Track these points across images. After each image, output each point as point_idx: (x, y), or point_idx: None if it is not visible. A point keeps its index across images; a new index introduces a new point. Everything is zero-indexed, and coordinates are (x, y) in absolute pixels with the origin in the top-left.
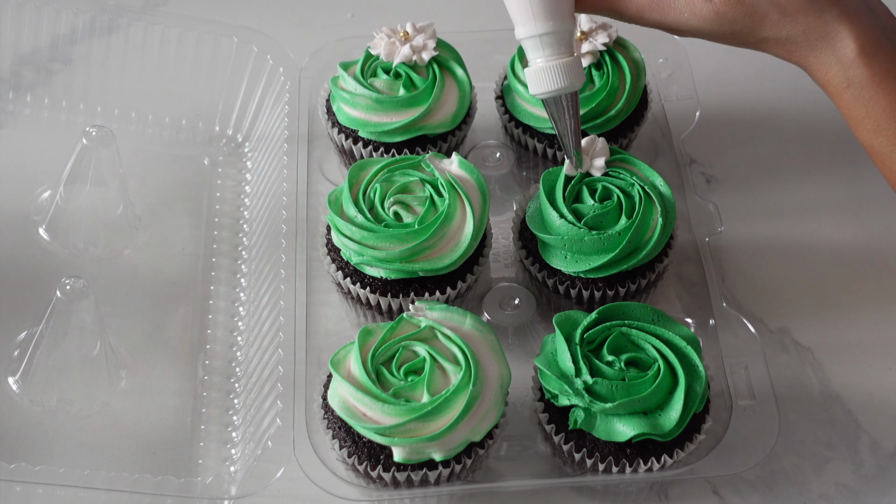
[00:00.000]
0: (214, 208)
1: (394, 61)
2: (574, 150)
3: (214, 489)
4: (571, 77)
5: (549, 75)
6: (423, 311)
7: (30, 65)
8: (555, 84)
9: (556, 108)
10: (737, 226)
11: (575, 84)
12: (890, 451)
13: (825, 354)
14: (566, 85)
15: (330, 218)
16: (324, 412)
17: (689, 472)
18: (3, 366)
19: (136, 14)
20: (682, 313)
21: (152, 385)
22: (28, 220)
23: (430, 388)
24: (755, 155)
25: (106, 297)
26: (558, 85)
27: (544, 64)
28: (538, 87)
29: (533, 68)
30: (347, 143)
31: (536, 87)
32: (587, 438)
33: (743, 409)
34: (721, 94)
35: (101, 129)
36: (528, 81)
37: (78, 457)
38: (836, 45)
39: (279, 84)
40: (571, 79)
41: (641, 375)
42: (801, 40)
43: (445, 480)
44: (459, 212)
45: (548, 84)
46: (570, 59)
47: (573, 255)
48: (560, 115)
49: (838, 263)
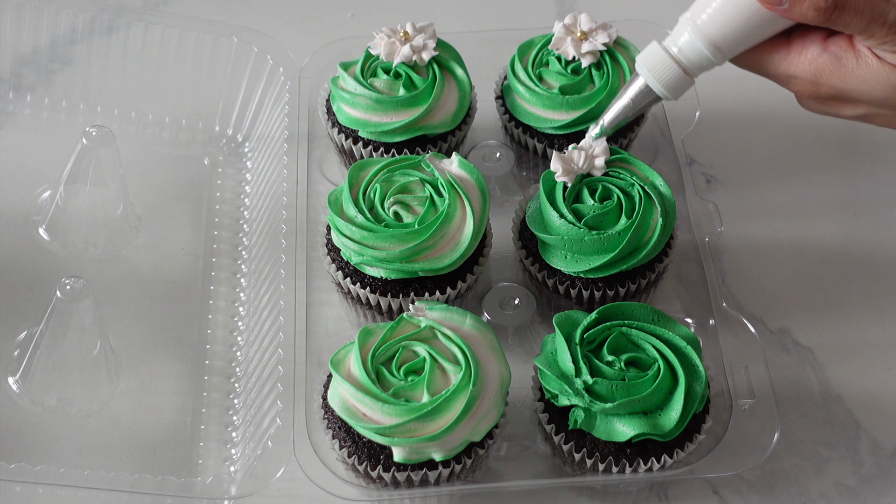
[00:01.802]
0: (214, 208)
1: (394, 61)
2: (605, 125)
3: (214, 489)
4: (674, 89)
5: (665, 70)
6: (423, 311)
7: (30, 65)
8: (661, 78)
9: (637, 88)
10: (737, 226)
11: (667, 95)
12: (890, 451)
13: (825, 354)
14: (663, 90)
15: (330, 218)
16: (324, 412)
17: (689, 472)
18: (3, 366)
19: (136, 14)
20: (682, 313)
21: (152, 385)
22: (28, 220)
23: (430, 388)
24: (755, 155)
25: (106, 297)
26: (661, 83)
27: (673, 60)
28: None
29: (662, 51)
30: (347, 143)
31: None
32: (587, 438)
33: (743, 409)
34: (721, 94)
35: (101, 129)
36: (647, 50)
37: (78, 457)
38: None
39: (279, 84)
40: (673, 90)
41: (641, 375)
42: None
43: (445, 480)
44: (459, 212)
45: (657, 73)
46: (688, 79)
47: (573, 255)
48: (632, 94)
49: (838, 263)
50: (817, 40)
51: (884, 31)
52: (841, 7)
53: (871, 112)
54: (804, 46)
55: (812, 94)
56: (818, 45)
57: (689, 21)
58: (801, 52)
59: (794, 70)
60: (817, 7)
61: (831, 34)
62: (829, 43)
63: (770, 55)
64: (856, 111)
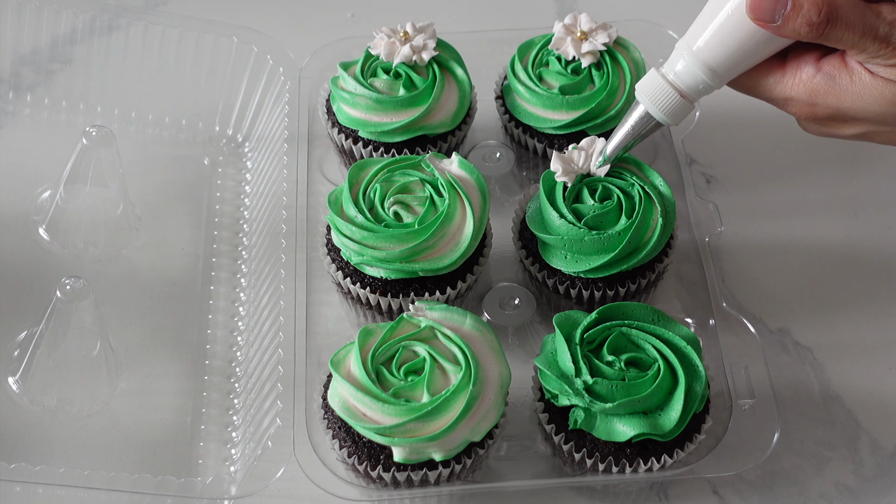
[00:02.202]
0: (214, 208)
1: (394, 61)
2: (608, 154)
3: (214, 489)
4: (674, 115)
5: (664, 97)
6: (423, 311)
7: (30, 65)
8: (660, 105)
9: (637, 115)
10: (737, 226)
11: (668, 121)
12: (890, 451)
13: (825, 354)
14: (664, 117)
15: (330, 218)
16: (324, 412)
17: (689, 472)
18: (3, 366)
19: (136, 14)
20: (682, 313)
21: (152, 385)
22: (28, 220)
23: (430, 388)
24: (755, 155)
25: (106, 297)
26: (660, 110)
27: (670, 85)
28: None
29: (660, 78)
30: (347, 143)
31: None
32: (587, 438)
33: (743, 409)
34: (721, 94)
35: (101, 129)
36: (646, 78)
37: (78, 457)
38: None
39: (279, 84)
40: (673, 116)
41: (641, 375)
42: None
43: (445, 480)
44: (459, 212)
45: (656, 100)
46: (687, 105)
47: (573, 255)
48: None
49: (838, 263)
50: (811, 61)
51: (876, 45)
52: (833, 21)
53: (870, 130)
54: (798, 68)
55: (810, 115)
56: (812, 65)
57: (684, 47)
58: (795, 74)
59: (790, 92)
60: (810, 22)
61: (825, 54)
62: (823, 63)
63: (766, 78)
64: (854, 130)
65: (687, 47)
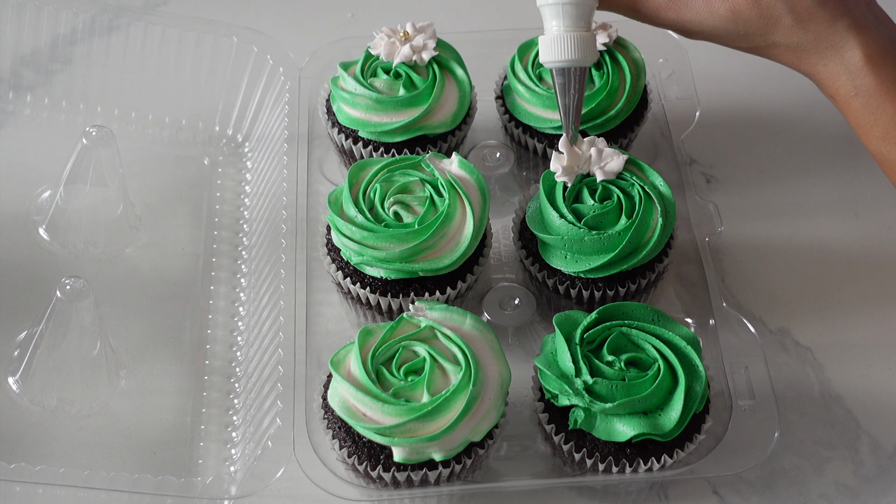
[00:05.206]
0: (214, 208)
1: (394, 61)
2: (572, 127)
3: (214, 489)
4: (585, 51)
5: (565, 45)
6: (423, 311)
7: (30, 65)
8: (568, 55)
9: (563, 79)
10: (737, 226)
11: (587, 59)
12: (890, 451)
13: (825, 354)
14: (579, 58)
15: (330, 218)
16: (324, 412)
17: (689, 472)
18: (3, 366)
19: (136, 14)
20: (682, 313)
21: (152, 385)
22: (28, 220)
23: (430, 388)
24: (755, 155)
25: (106, 297)
26: (571, 56)
27: (560, 33)
28: (551, 55)
29: (548, 36)
30: (347, 143)
31: (549, 54)
32: (587, 438)
33: (743, 409)
34: (721, 94)
35: (101, 129)
36: (540, 48)
37: (78, 457)
38: (845, 54)
39: (279, 84)
40: (584, 53)
41: (641, 375)
42: (811, 48)
43: (445, 480)
44: (459, 212)
45: (561, 54)
46: (586, 35)
47: (573, 255)
48: (566, 89)
49: (838, 263)
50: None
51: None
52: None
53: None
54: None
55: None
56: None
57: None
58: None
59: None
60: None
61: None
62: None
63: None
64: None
65: (545, 2)
